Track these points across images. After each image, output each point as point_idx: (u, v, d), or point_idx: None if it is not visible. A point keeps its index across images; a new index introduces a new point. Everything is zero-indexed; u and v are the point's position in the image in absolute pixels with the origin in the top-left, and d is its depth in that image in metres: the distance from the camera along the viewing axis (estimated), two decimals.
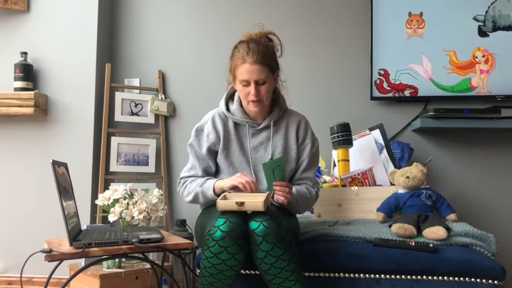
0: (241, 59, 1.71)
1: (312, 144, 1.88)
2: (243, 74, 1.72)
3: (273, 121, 1.84)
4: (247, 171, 1.79)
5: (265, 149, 1.83)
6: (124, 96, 2.69)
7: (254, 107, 1.77)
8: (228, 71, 1.82)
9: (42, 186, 2.54)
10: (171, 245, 1.52)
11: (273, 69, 1.77)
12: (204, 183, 1.76)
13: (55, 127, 2.61)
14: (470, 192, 2.58)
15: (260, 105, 1.77)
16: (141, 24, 2.82)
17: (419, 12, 2.59)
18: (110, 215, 2.05)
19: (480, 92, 2.54)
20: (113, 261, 2.13)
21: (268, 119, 1.84)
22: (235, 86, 1.82)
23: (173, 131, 2.76)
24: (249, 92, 1.74)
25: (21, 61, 2.54)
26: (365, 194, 2.13)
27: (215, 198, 1.67)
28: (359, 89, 2.66)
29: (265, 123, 1.83)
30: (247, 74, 1.71)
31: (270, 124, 1.84)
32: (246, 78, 1.72)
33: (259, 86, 1.73)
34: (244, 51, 1.71)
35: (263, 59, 1.71)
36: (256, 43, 1.74)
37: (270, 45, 1.80)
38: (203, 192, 1.75)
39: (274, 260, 1.46)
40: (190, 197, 1.80)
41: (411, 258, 1.66)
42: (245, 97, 1.77)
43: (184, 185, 1.84)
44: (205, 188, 1.74)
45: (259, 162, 1.79)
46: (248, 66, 1.70)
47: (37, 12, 2.65)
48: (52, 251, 1.35)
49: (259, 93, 1.73)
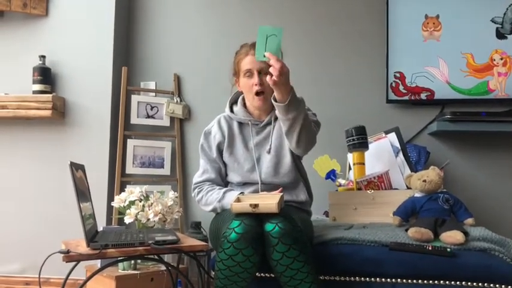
0: (245, 53, 1.84)
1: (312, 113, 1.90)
2: (247, 64, 1.82)
3: (273, 117, 1.89)
4: (250, 166, 1.85)
5: (267, 143, 1.88)
6: (140, 99, 2.71)
7: (259, 101, 1.83)
8: (232, 71, 1.92)
9: (60, 188, 2.57)
10: (187, 247, 1.52)
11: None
12: (223, 199, 1.78)
13: (72, 129, 2.64)
14: (488, 196, 2.54)
15: (264, 98, 1.82)
16: (157, 28, 2.84)
17: (435, 15, 2.56)
18: (126, 217, 2.07)
19: (498, 95, 2.50)
20: (129, 262, 2.14)
21: (270, 115, 1.90)
22: (239, 86, 1.90)
23: (188, 134, 2.77)
24: (253, 83, 1.81)
25: (40, 64, 2.58)
26: (381, 198, 2.10)
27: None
28: (375, 91, 2.65)
29: (267, 120, 1.90)
30: (251, 63, 1.81)
31: (271, 120, 1.89)
32: (250, 67, 1.81)
33: (262, 76, 1.79)
34: (247, 47, 1.84)
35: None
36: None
37: None
38: (222, 207, 1.79)
39: (290, 261, 1.46)
40: (209, 209, 1.84)
41: (428, 263, 1.63)
42: (249, 89, 1.83)
43: (200, 193, 1.87)
44: (224, 204, 1.77)
45: (261, 156, 1.87)
46: (251, 57, 1.81)
47: (55, 16, 2.69)
48: (70, 252, 1.37)
49: (262, 83, 1.79)
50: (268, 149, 1.87)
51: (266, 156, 1.87)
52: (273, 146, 1.87)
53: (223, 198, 1.78)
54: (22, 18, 2.68)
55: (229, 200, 1.75)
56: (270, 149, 1.87)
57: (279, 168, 1.86)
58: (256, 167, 1.85)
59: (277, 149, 1.87)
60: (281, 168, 1.86)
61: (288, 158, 1.87)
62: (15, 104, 2.52)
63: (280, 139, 1.88)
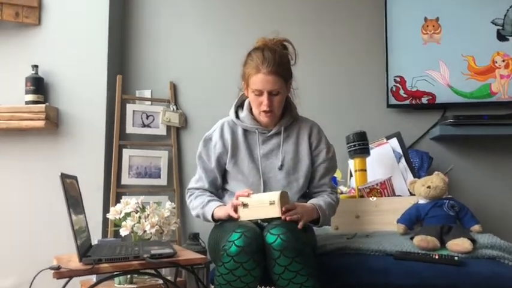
0: (256, 68, 1.66)
1: (328, 150, 1.83)
2: (257, 84, 1.67)
3: (283, 127, 1.80)
4: (256, 179, 1.75)
5: (275, 156, 1.78)
6: (135, 108, 2.67)
7: (266, 118, 1.74)
8: (240, 77, 1.78)
9: (54, 200, 2.51)
10: (184, 261, 1.47)
11: (286, 79, 1.73)
12: (206, 206, 1.74)
13: (66, 140, 2.58)
14: (493, 201, 2.49)
15: (272, 116, 1.74)
16: (152, 35, 2.80)
17: (435, 17, 2.53)
18: (122, 229, 2.02)
19: (501, 98, 2.46)
20: (125, 277, 2.08)
21: (279, 125, 1.80)
22: (247, 94, 1.78)
23: (185, 143, 2.73)
24: (261, 102, 1.70)
25: (32, 74, 2.53)
26: (384, 205, 2.06)
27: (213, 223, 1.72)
28: (375, 96, 2.61)
29: (275, 130, 1.79)
30: (262, 84, 1.67)
31: (281, 130, 1.79)
32: (260, 88, 1.67)
33: (272, 96, 1.69)
34: (259, 60, 1.66)
35: (278, 69, 1.66)
36: (272, 51, 1.68)
37: (284, 54, 1.76)
38: (204, 214, 1.75)
39: (292, 275, 1.40)
40: (194, 213, 1.80)
41: (435, 272, 1.58)
42: (257, 107, 1.73)
43: (190, 197, 1.84)
44: (206, 211, 1.74)
45: (269, 170, 1.76)
46: (262, 76, 1.65)
47: (48, 25, 2.64)
48: (60, 268, 1.31)
49: (272, 104, 1.70)
50: (279, 165, 1.76)
51: (276, 172, 1.76)
52: (286, 164, 1.76)
53: (206, 205, 1.73)
54: (14, 28, 2.63)
55: (209, 210, 1.71)
56: (282, 166, 1.76)
57: (292, 188, 1.76)
58: (262, 181, 1.75)
59: (289, 167, 1.77)
60: (294, 188, 1.77)
61: (302, 179, 1.79)
62: (8, 115, 2.46)
63: (293, 155, 1.78)
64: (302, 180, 1.78)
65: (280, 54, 1.71)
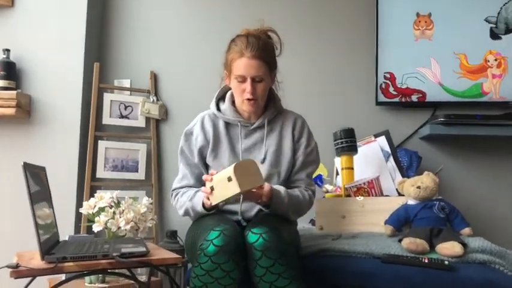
0: (239, 52, 1.61)
1: (307, 143, 1.75)
2: (240, 68, 1.61)
3: (267, 120, 1.73)
4: None
5: (258, 150, 1.71)
6: (113, 97, 2.55)
7: (249, 106, 1.66)
8: (223, 66, 1.71)
9: (23, 193, 2.38)
10: (157, 260, 1.36)
11: (271, 67, 1.67)
12: (194, 197, 1.64)
13: (38, 129, 2.46)
14: (482, 204, 2.45)
15: (255, 104, 1.67)
16: (133, 22, 2.69)
17: (427, 13, 2.47)
18: (95, 225, 1.91)
19: (492, 97, 2.41)
20: (96, 275, 1.97)
21: (262, 118, 1.72)
22: (229, 83, 1.71)
23: (165, 136, 2.62)
24: (244, 88, 1.63)
25: (3, 59, 2.40)
26: (371, 205, 1.98)
27: (206, 212, 1.59)
28: (363, 93, 2.55)
29: (258, 123, 1.72)
30: (245, 69, 1.60)
31: (264, 123, 1.72)
32: (243, 73, 1.61)
33: (255, 83, 1.63)
34: (242, 45, 1.61)
35: (262, 54, 1.61)
36: (256, 37, 1.64)
37: (269, 42, 1.71)
38: (193, 207, 1.64)
39: (274, 277, 1.32)
40: (182, 211, 1.70)
41: (425, 277, 1.52)
42: (240, 94, 1.66)
43: (176, 197, 1.74)
44: (194, 202, 1.63)
45: None
46: (246, 60, 1.59)
47: (22, 7, 2.51)
48: (19, 266, 1.18)
49: (255, 91, 1.63)
50: (262, 159, 1.69)
51: (259, 166, 1.69)
52: (268, 157, 1.70)
53: (194, 196, 1.64)
54: None
55: (199, 198, 1.60)
56: (264, 159, 1.69)
57: (273, 181, 1.69)
58: None
59: (272, 160, 1.70)
60: (275, 180, 1.70)
61: (284, 173, 1.71)
62: None
63: (276, 147, 1.71)
64: (284, 174, 1.72)
65: (265, 41, 1.67)
